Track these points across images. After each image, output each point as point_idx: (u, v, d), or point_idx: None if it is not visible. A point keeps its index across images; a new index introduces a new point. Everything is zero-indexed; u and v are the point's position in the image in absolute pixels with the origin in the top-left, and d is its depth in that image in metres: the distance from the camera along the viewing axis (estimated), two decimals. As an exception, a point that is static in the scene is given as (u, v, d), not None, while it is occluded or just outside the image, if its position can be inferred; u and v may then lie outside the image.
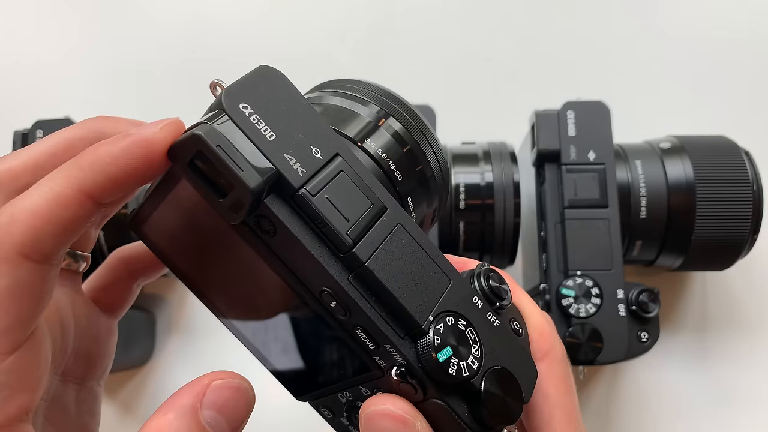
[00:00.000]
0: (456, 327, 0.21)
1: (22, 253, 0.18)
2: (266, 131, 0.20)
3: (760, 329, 0.54)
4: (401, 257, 0.21)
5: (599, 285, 0.43)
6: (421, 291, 0.21)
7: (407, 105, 0.29)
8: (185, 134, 0.19)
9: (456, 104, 0.57)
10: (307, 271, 0.20)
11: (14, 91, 0.60)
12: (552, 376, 0.26)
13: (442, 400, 0.21)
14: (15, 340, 0.19)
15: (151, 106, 0.59)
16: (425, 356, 0.20)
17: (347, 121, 0.27)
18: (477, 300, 0.23)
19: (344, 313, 0.20)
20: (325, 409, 0.26)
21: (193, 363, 0.55)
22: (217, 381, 0.20)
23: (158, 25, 0.61)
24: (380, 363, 0.21)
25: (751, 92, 0.57)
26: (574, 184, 0.45)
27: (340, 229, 0.20)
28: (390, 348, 0.21)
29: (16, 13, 0.61)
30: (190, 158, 0.19)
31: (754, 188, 0.45)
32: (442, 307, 0.21)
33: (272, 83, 0.21)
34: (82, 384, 0.25)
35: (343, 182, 0.20)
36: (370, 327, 0.20)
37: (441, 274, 0.22)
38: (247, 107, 0.20)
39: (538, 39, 0.59)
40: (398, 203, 0.22)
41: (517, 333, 0.25)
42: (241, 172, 0.18)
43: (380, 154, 0.27)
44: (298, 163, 0.20)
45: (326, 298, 0.20)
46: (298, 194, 0.19)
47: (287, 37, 0.60)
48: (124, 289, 0.27)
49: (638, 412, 0.53)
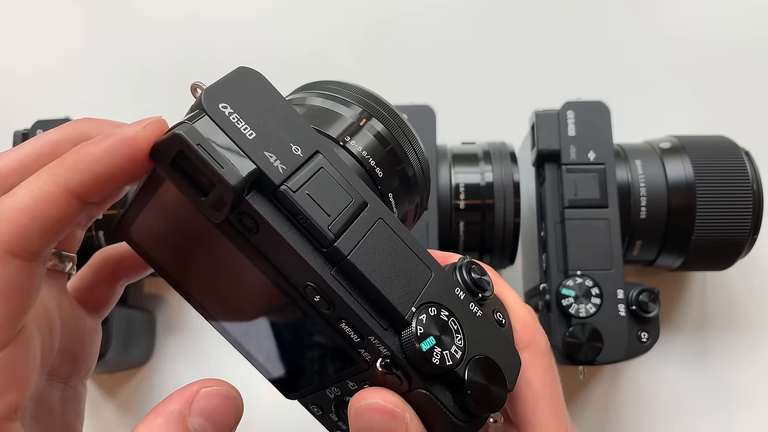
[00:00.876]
0: (438, 317, 0.21)
1: (9, 251, 0.19)
2: (246, 130, 0.20)
3: (759, 329, 0.54)
4: (383, 250, 0.21)
5: (599, 285, 0.43)
6: (404, 283, 0.21)
7: (389, 106, 0.30)
8: (166, 134, 0.20)
9: (456, 104, 0.57)
10: (290, 266, 0.20)
11: (14, 92, 0.60)
12: (536, 366, 0.26)
13: (427, 390, 0.21)
14: (3, 337, 0.19)
15: (150, 106, 0.59)
16: (409, 346, 0.21)
17: (329, 122, 0.28)
18: (459, 291, 0.23)
19: (328, 306, 0.21)
20: (315, 406, 0.26)
21: (192, 363, 0.55)
22: (206, 388, 0.21)
23: (158, 25, 0.61)
24: (365, 356, 0.22)
25: (751, 92, 0.57)
26: (574, 184, 0.45)
27: (321, 224, 0.20)
28: (374, 340, 0.21)
29: (17, 13, 0.61)
30: (171, 158, 0.19)
31: (754, 188, 0.45)
32: (425, 298, 0.22)
33: (251, 83, 0.21)
34: (67, 383, 0.26)
35: (323, 178, 0.21)
36: (353, 320, 0.21)
37: (423, 266, 0.22)
38: (226, 107, 0.20)
39: (538, 39, 0.59)
40: (380, 199, 0.22)
41: (500, 324, 0.25)
42: (221, 169, 0.19)
43: (362, 153, 0.27)
44: (278, 161, 0.20)
45: (310, 292, 0.21)
46: (279, 191, 0.20)
47: (287, 37, 0.60)
48: (108, 289, 0.27)
49: (638, 412, 0.53)
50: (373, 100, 0.29)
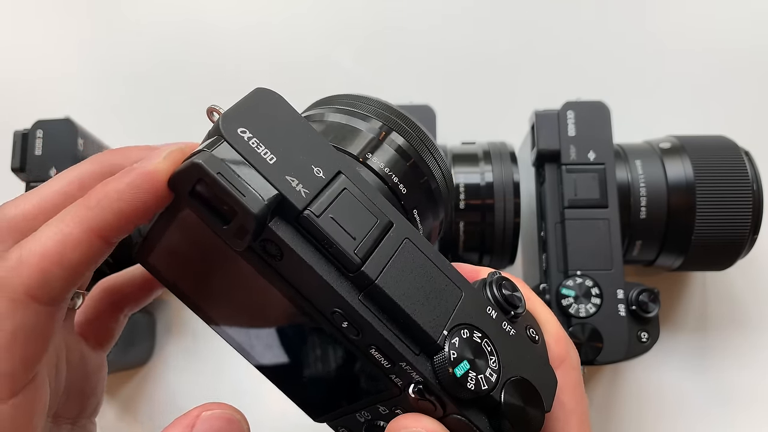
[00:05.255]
0: (471, 340, 0.21)
1: (30, 295, 0.18)
2: (266, 154, 0.19)
3: (759, 329, 0.54)
4: (411, 272, 0.21)
5: (599, 285, 0.43)
6: (434, 305, 0.21)
7: (408, 118, 0.29)
8: (185, 163, 0.19)
9: (456, 104, 0.57)
10: (316, 292, 0.20)
11: (14, 91, 0.60)
12: (568, 384, 0.25)
13: (463, 415, 0.21)
14: (15, 384, 0.18)
15: (150, 106, 0.59)
16: (442, 372, 0.20)
17: (349, 138, 0.27)
18: (491, 310, 0.22)
19: (356, 333, 0.20)
20: (344, 429, 0.26)
21: (192, 364, 0.55)
22: (207, 412, 0.20)
23: (158, 27, 0.61)
24: (396, 381, 0.21)
25: (751, 92, 0.57)
26: (574, 184, 0.45)
27: (347, 249, 0.19)
28: (405, 366, 0.20)
29: (16, 13, 0.61)
30: (191, 187, 0.19)
31: (754, 188, 0.45)
32: (456, 320, 0.21)
33: (269, 105, 0.21)
34: (75, 423, 0.25)
35: (347, 200, 0.20)
36: (383, 345, 0.20)
37: (452, 286, 0.22)
38: (245, 131, 0.19)
39: (538, 39, 0.59)
40: (404, 217, 0.22)
41: (534, 340, 0.24)
42: (243, 198, 0.18)
43: (384, 169, 0.27)
44: (300, 185, 0.19)
45: (337, 318, 0.20)
46: (302, 216, 0.19)
47: (286, 39, 0.60)
48: (112, 321, 0.26)
49: (638, 412, 0.53)
50: (392, 113, 0.29)
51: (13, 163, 0.46)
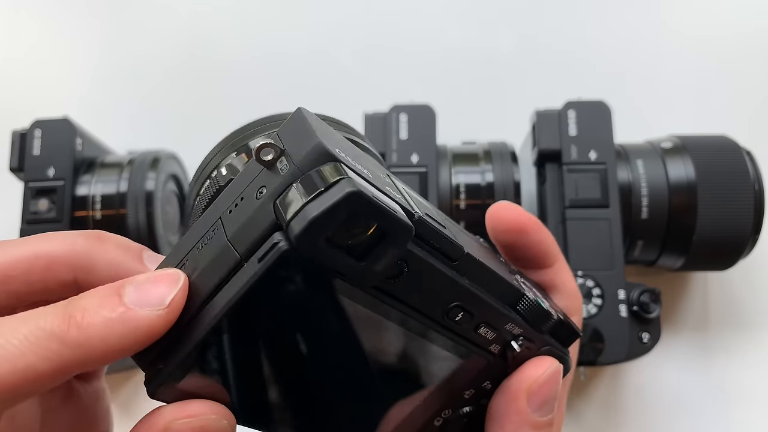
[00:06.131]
0: (528, 279, 0.25)
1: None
2: (362, 171, 0.17)
3: (761, 329, 0.53)
4: (472, 242, 0.23)
5: (600, 285, 0.43)
6: (491, 259, 0.22)
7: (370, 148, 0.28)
8: (316, 208, 0.15)
9: (456, 104, 0.57)
10: (433, 296, 0.19)
11: (12, 91, 0.60)
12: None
13: (548, 344, 0.23)
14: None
15: (150, 106, 0.59)
16: (532, 313, 0.22)
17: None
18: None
19: (471, 317, 0.21)
20: None
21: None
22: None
23: (158, 24, 0.60)
24: (493, 349, 0.22)
25: (752, 92, 0.57)
26: (575, 184, 0.45)
27: (451, 236, 0.19)
28: (509, 325, 0.22)
29: (15, 12, 0.61)
30: (329, 233, 0.15)
31: (755, 188, 0.45)
32: (510, 265, 0.25)
33: (319, 122, 0.18)
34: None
35: (416, 197, 0.20)
36: (492, 317, 0.21)
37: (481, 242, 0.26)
38: (338, 150, 0.17)
39: (538, 38, 0.59)
40: None
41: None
42: (395, 214, 0.16)
43: None
44: (394, 191, 0.18)
45: (453, 313, 0.20)
46: (416, 220, 0.18)
47: (287, 35, 0.60)
48: None
49: (639, 413, 0.53)
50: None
51: (12, 162, 0.46)
